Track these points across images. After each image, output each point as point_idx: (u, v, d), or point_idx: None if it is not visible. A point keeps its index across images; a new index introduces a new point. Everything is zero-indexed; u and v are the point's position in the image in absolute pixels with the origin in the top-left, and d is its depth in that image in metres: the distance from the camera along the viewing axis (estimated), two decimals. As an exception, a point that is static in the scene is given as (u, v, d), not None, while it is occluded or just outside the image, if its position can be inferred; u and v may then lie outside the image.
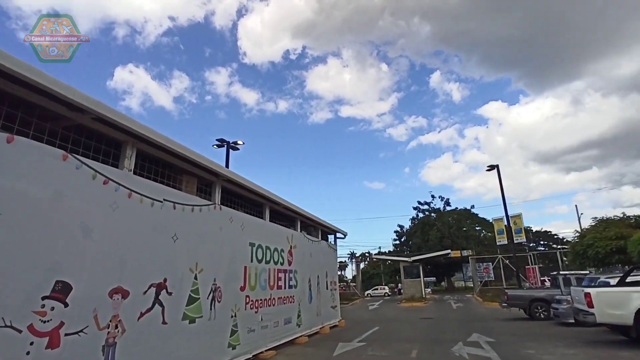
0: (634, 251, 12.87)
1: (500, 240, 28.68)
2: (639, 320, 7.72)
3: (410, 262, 27.85)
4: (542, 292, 14.49)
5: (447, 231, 49.07)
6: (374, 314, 19.80)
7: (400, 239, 55.15)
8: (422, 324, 14.20)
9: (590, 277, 12.80)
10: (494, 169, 27.25)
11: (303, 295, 11.22)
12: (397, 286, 46.46)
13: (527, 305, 14.27)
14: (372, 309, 22.86)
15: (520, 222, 26.59)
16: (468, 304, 23.39)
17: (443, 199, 54.63)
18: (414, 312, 20.02)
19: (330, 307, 14.05)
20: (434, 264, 50.12)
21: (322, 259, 13.59)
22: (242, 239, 8.10)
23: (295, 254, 10.84)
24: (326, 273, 13.91)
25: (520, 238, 26.61)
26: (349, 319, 16.57)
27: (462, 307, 21.21)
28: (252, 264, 8.32)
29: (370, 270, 73.04)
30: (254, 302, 8.18)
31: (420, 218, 55.05)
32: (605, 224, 16.56)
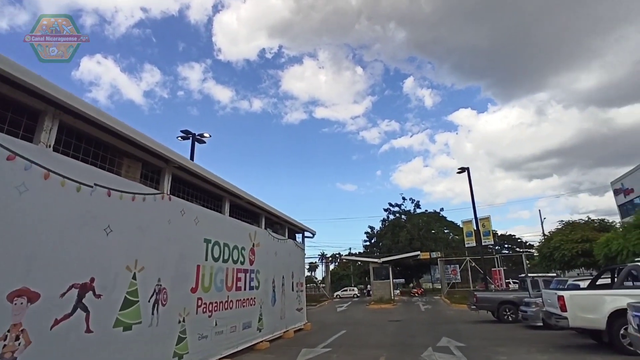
0: (600, 254, 12.91)
1: (468, 242, 28.90)
2: (611, 324, 7.48)
3: (379, 263, 27.53)
4: (510, 294, 14.36)
5: (417, 233, 49.37)
6: (342, 317, 19.23)
7: (370, 241, 55.10)
8: (390, 327, 13.72)
9: (559, 280, 12.73)
10: (465, 171, 27.44)
11: (266, 297, 10.44)
12: (366, 287, 46.25)
13: (495, 307, 14.10)
14: (340, 311, 22.31)
15: (489, 225, 26.86)
16: (436, 305, 23.28)
17: (413, 201, 54.96)
18: (382, 314, 19.60)
19: (296, 309, 13.32)
20: (403, 265, 50.34)
21: (288, 258, 12.86)
22: (196, 234, 7.25)
23: (258, 252, 10.05)
24: (292, 274, 13.17)
25: (488, 240, 26.88)
26: (315, 322, 15.89)
27: (430, 309, 21.01)
28: (206, 262, 7.47)
29: (340, 272, 72.85)
30: (208, 305, 7.34)
31: (390, 220, 55.24)
32: (571, 227, 16.76)
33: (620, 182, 32.29)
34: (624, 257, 11.84)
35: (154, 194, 6.09)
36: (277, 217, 12.08)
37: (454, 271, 34.94)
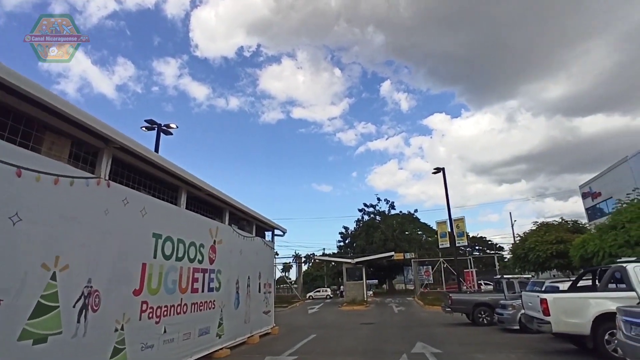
0: (576, 255, 12.70)
1: (442, 243, 28.76)
2: (596, 329, 7.03)
3: (353, 263, 26.95)
4: (485, 296, 13.98)
5: (391, 234, 49.28)
6: (313, 319, 18.44)
7: (344, 241, 54.68)
8: (363, 331, 13.05)
9: (535, 282, 12.40)
10: (440, 171, 27.26)
11: (228, 300, 9.50)
12: (339, 288, 45.71)
13: (470, 310, 13.68)
14: (311, 313, 21.52)
15: (463, 226, 26.79)
16: (409, 307, 22.87)
17: (388, 202, 54.98)
18: (355, 316, 18.95)
19: (263, 312, 12.42)
20: (377, 266, 50.13)
21: (255, 257, 11.94)
22: (143, 227, 6.27)
23: (220, 250, 9.11)
24: (259, 274, 12.27)
25: (462, 241, 26.79)
26: (284, 325, 15.04)
27: (403, 311, 20.55)
28: (155, 260, 6.50)
29: (314, 272, 72.17)
30: (155, 309, 6.37)
31: (365, 220, 54.99)
32: (545, 228, 16.66)
33: (589, 186, 33.06)
34: (600, 258, 11.63)
35: (87, 178, 5.09)
36: (243, 212, 11.15)
37: (427, 272, 34.86)
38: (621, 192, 29.04)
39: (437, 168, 27.32)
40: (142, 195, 6.41)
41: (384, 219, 54.27)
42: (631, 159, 26.46)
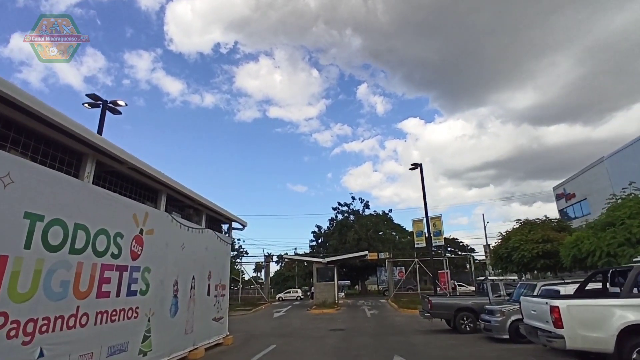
0: (568, 255, 11.45)
1: (418, 242, 27.48)
2: (622, 345, 5.55)
3: (324, 263, 25.21)
4: (468, 300, 12.53)
5: (365, 234, 47.98)
6: (277, 324, 16.56)
7: (317, 240, 52.97)
8: (331, 340, 11.31)
9: (525, 284, 11.02)
10: (417, 167, 26.00)
11: (160, 306, 7.52)
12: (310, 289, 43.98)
13: (451, 315, 12.19)
14: (276, 317, 19.61)
15: (440, 225, 25.58)
16: (383, 310, 21.36)
17: (363, 201, 53.74)
18: (324, 321, 17.21)
19: (213, 319, 10.46)
20: (349, 266, 48.67)
21: (204, 254, 9.98)
22: (5, 204, 4.26)
23: (150, 242, 7.13)
24: (209, 273, 10.30)
25: (439, 241, 25.57)
26: (241, 333, 13.13)
27: (377, 315, 18.98)
28: (28, 252, 4.48)
29: (286, 272, 70.15)
30: (23, 324, 4.36)
31: (339, 219, 53.51)
32: (529, 226, 15.51)
33: (563, 187, 32.75)
34: (596, 258, 10.36)
35: None
36: (189, 198, 9.16)
37: (401, 273, 33.63)
38: (596, 193, 28.79)
39: (415, 164, 26.03)
40: (4, 155, 4.37)
41: (358, 218, 52.97)
42: (607, 160, 26.05)
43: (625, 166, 23.53)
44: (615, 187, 25.74)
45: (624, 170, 23.99)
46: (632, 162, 22.31)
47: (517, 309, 9.92)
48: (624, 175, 23.98)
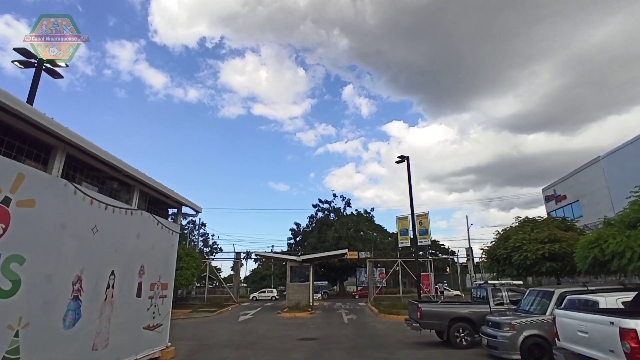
0: (587, 257, 9.54)
1: (402, 241, 25.53)
2: None
3: (299, 262, 22.95)
4: (464, 308, 10.51)
5: (345, 232, 46.02)
6: (239, 330, 14.23)
7: (295, 238, 50.76)
8: (297, 354, 9.12)
9: (538, 290, 9.06)
10: (404, 160, 24.10)
11: (43, 313, 5.14)
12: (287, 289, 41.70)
13: (445, 326, 10.14)
14: (241, 321, 17.26)
15: (427, 223, 23.70)
16: (362, 315, 19.27)
17: (344, 199, 51.82)
18: (294, 327, 14.98)
19: (145, 328, 8.08)
20: (328, 266, 46.56)
21: (134, 243, 7.60)
22: None
23: (23, 218, 4.76)
24: (142, 269, 7.92)
25: (426, 240, 23.68)
26: (191, 343, 10.79)
27: (355, 321, 16.86)
28: None
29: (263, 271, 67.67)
30: None
31: (319, 217, 51.40)
32: (532, 224, 13.68)
33: (553, 189, 31.43)
34: (626, 260, 8.44)
35: None
36: (111, 167, 6.75)
37: (382, 274, 31.71)
38: (590, 194, 27.42)
39: (402, 156, 24.12)
40: None
41: (338, 216, 51.00)
42: (604, 160, 24.71)
43: (624, 166, 22.16)
44: (611, 187, 24.49)
45: (623, 170, 22.64)
46: (632, 161, 20.87)
47: (531, 323, 7.93)
48: (623, 175, 22.63)
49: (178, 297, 25.77)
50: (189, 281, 22.22)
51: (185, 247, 25.38)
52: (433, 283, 29.98)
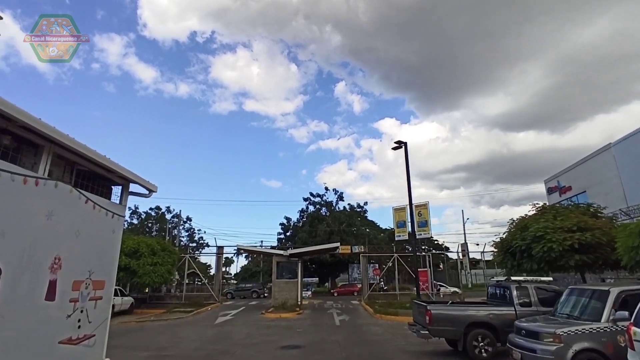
0: (633, 250, 7.61)
1: (400, 234, 23.57)
2: None
3: (286, 256, 20.85)
4: (482, 310, 8.53)
5: (338, 227, 44.06)
6: (213, 336, 12.13)
7: (285, 233, 48.67)
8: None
9: (586, 289, 7.10)
10: (401, 146, 22.17)
11: None
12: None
13: (460, 333, 8.16)
14: (219, 323, 15.15)
15: (426, 214, 21.76)
16: (355, 316, 17.28)
17: (337, 192, 49.77)
18: (278, 330, 12.93)
19: (63, 342, 5.93)
20: (319, 262, 44.59)
21: (46, 225, 5.43)
22: None
23: None
24: (57, 262, 5.75)
25: (425, 233, 21.76)
26: (146, 353, 8.71)
27: (348, 323, 14.85)
28: None
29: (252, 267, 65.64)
30: None
31: (310, 211, 49.36)
32: (554, 211, 11.75)
33: (556, 180, 29.74)
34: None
35: None
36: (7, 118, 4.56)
37: (376, 271, 29.79)
38: (599, 184, 25.54)
39: (399, 142, 22.19)
40: None
41: (330, 211, 49.03)
42: (615, 147, 22.98)
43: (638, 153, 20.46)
44: (623, 176, 22.79)
45: (636, 158, 20.94)
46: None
47: (582, 332, 5.96)
48: (636, 163, 20.99)
49: (153, 295, 23.56)
50: (164, 278, 20.04)
51: (161, 240, 23.15)
52: (431, 279, 28.11)
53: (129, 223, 45.46)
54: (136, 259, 19.57)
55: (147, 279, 19.14)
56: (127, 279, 19.53)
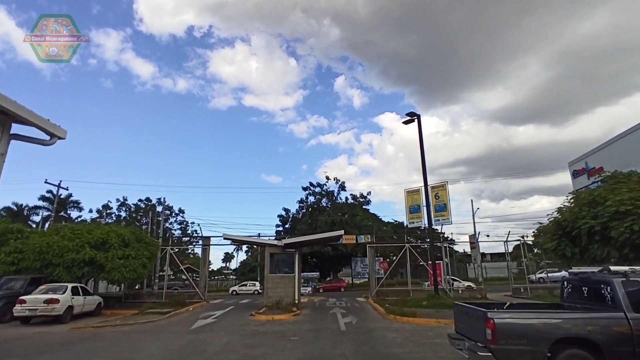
0: None
1: (413, 220, 20.53)
2: None
3: (280, 247, 17.86)
4: (574, 318, 5.51)
5: (340, 218, 41.12)
6: (178, 349, 9.15)
7: (284, 225, 45.75)
8: None
9: None
10: (414, 119, 19.12)
11: None
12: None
13: (543, 352, 5.15)
14: (194, 329, 12.15)
15: (445, 195, 18.74)
16: (364, 316, 14.34)
17: (338, 181, 46.70)
18: (266, 340, 9.97)
19: None
20: (320, 256, 41.67)
21: None
22: None
23: None
24: None
25: (444, 218, 18.74)
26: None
27: (356, 327, 11.90)
28: None
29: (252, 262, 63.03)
30: None
31: (310, 202, 46.43)
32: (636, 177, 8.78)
33: (584, 161, 26.67)
34: None
35: None
36: None
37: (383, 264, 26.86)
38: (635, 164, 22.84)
39: (411, 113, 19.13)
40: None
41: (332, 201, 46.10)
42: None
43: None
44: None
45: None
46: None
47: None
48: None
49: (130, 294, 20.63)
50: (138, 273, 17.06)
51: (137, 230, 20.18)
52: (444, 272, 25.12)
53: (116, 216, 42.58)
54: (104, 251, 16.63)
55: (116, 275, 16.18)
56: (94, 274, 16.57)
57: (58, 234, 16.98)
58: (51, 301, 13.33)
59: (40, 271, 16.23)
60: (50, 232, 17.89)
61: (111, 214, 42.53)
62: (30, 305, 13.14)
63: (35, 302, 13.24)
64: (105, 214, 42.38)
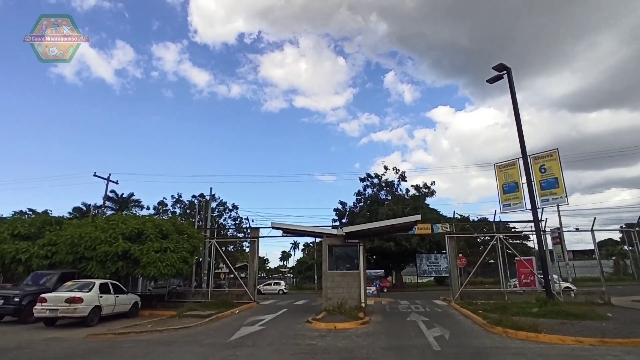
0: None
1: (509, 202, 16.26)
2: None
3: (341, 236, 14.68)
4: None
5: (401, 210, 37.09)
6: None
7: (340, 220, 42.59)
8: None
9: None
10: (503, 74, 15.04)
11: None
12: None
13: None
14: (234, 340, 9.26)
15: (557, 168, 14.35)
16: (456, 328, 10.70)
17: (398, 171, 42.59)
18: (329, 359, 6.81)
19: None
20: (381, 252, 37.90)
21: None
22: None
23: None
24: None
25: (555, 197, 14.37)
26: None
27: (453, 346, 8.34)
28: None
29: (309, 260, 61.06)
30: None
31: (368, 194, 42.92)
32: None
33: None
34: None
35: None
36: None
37: (461, 260, 22.65)
38: None
39: (501, 66, 15.02)
40: None
41: (391, 192, 42.19)
42: None
43: None
44: None
45: None
46: None
47: None
48: None
49: (174, 292, 18.65)
50: (176, 268, 14.76)
51: (176, 220, 18.11)
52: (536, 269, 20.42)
53: (171, 212, 42.24)
54: (140, 243, 14.56)
55: (152, 270, 14.00)
56: (129, 269, 14.52)
57: (93, 224, 15.27)
58: (73, 300, 11.28)
59: (74, 265, 14.56)
60: (85, 223, 16.28)
61: (167, 211, 42.31)
62: (51, 305, 11.20)
63: (56, 300, 11.27)
64: (162, 211, 42.22)
